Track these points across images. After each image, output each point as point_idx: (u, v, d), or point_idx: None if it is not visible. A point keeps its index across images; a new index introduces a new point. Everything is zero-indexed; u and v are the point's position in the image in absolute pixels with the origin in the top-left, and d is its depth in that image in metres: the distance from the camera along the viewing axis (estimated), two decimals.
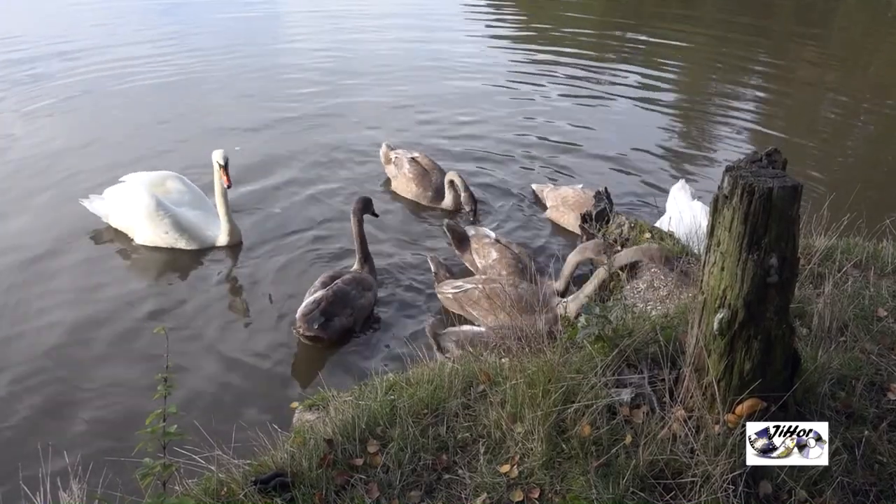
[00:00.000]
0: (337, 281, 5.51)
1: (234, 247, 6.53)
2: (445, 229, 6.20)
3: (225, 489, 2.78)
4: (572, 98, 10.74)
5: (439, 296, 5.62)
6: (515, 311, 4.87)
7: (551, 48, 13.62)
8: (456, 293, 5.43)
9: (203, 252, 6.48)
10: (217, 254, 6.50)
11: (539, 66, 12.39)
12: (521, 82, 11.51)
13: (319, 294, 5.34)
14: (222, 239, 6.48)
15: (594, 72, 12.09)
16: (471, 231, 6.20)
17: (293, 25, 15.77)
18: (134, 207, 6.42)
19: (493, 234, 6.07)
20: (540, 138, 9.18)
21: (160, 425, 2.58)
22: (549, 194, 7.21)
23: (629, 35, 14.94)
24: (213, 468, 2.89)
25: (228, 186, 6.26)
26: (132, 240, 6.56)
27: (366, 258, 5.91)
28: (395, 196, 7.63)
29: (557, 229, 7.03)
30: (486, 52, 13.58)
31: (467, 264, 6.14)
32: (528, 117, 9.94)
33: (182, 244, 6.44)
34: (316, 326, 5.15)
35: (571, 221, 6.88)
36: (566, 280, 5.37)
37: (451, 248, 6.31)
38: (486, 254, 5.91)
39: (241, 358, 5.20)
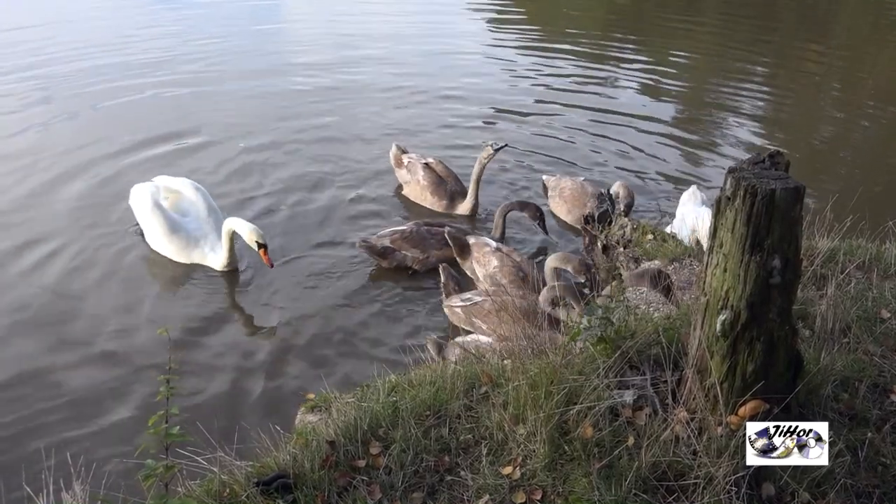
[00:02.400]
0: (425, 227, 6.34)
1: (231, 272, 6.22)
2: (447, 237, 6.16)
3: (227, 490, 2.78)
4: (573, 98, 10.73)
5: (446, 310, 5.53)
6: (524, 322, 4.80)
7: (552, 49, 13.60)
8: (465, 306, 5.36)
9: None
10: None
11: (540, 68, 12.40)
12: (521, 85, 11.52)
13: (403, 228, 6.31)
14: (217, 263, 6.16)
15: (595, 73, 12.09)
16: (471, 239, 6.17)
17: (296, 14, 15.89)
18: (138, 208, 6.36)
19: (493, 243, 6.04)
20: (544, 136, 9.23)
21: (162, 426, 2.58)
22: (552, 184, 7.34)
23: (630, 38, 14.92)
24: (215, 469, 2.89)
25: (271, 266, 5.95)
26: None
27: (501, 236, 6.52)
28: (408, 202, 7.55)
29: (556, 220, 7.17)
30: (487, 51, 13.60)
31: (468, 272, 6.11)
32: (531, 118, 9.96)
33: (171, 255, 6.23)
34: (380, 246, 6.15)
35: (563, 213, 7.05)
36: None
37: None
38: (486, 262, 5.87)
39: (243, 359, 5.22)
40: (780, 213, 2.37)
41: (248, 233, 5.79)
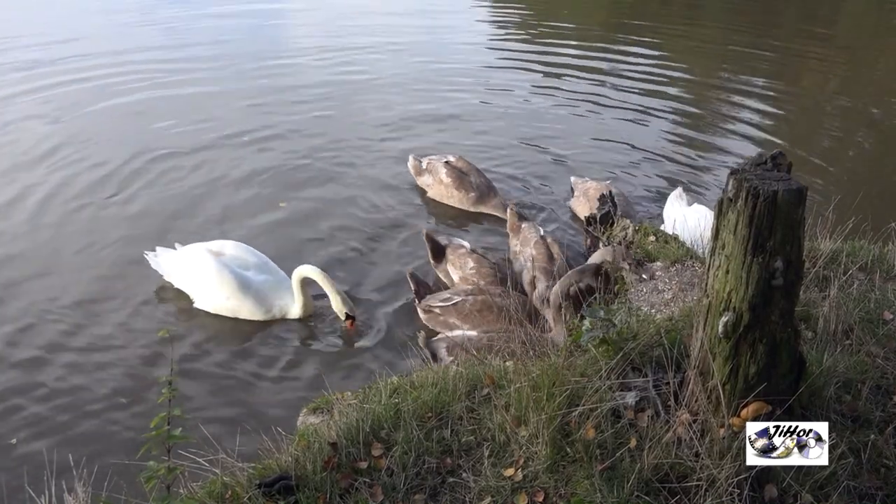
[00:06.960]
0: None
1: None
2: (424, 238, 6.05)
3: (229, 492, 2.78)
4: (573, 101, 10.72)
5: (421, 312, 5.42)
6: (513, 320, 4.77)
7: (552, 50, 13.59)
8: (444, 306, 5.27)
9: None
10: None
11: (540, 70, 12.39)
12: (521, 87, 11.53)
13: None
14: (295, 313, 5.64)
15: (596, 75, 12.06)
16: (444, 241, 6.03)
17: (299, 24, 15.90)
18: (191, 271, 5.74)
19: (468, 245, 5.95)
20: (544, 142, 9.21)
21: (165, 428, 2.58)
22: (579, 185, 7.38)
23: (631, 39, 14.91)
24: (217, 471, 2.89)
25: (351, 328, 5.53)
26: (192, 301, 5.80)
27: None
28: (435, 204, 7.37)
29: (572, 217, 7.22)
30: (489, 53, 13.58)
31: (441, 275, 5.95)
32: (532, 121, 9.95)
33: (244, 313, 5.62)
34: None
35: (585, 211, 7.07)
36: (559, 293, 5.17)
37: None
38: (462, 264, 5.75)
39: (245, 361, 5.21)
40: (782, 215, 2.37)
41: (336, 305, 5.45)
